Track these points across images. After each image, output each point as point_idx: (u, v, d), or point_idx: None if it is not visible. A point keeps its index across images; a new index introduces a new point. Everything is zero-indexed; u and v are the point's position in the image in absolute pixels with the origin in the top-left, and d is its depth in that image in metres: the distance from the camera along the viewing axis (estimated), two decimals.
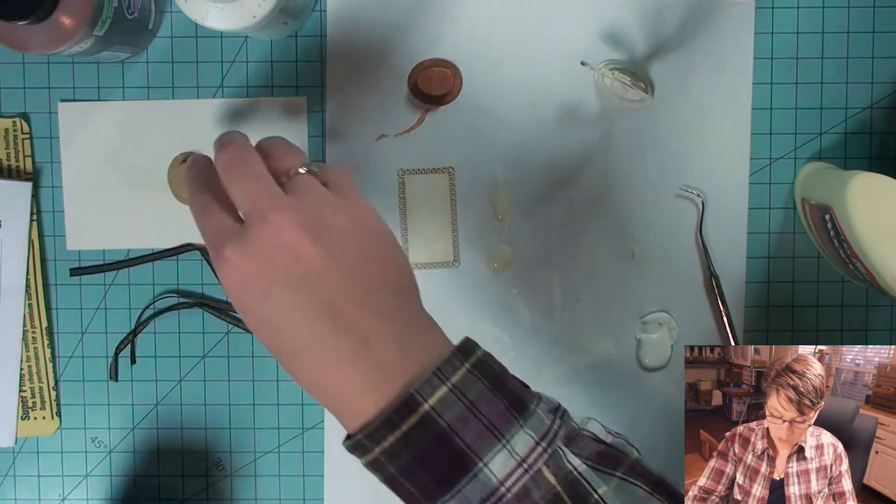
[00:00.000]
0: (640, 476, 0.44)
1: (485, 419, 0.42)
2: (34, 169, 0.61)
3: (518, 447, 0.42)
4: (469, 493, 0.42)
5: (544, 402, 0.45)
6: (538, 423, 0.43)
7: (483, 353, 0.44)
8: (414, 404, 0.42)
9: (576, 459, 0.43)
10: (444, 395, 0.42)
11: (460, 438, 0.42)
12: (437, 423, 0.41)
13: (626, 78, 0.59)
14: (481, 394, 0.42)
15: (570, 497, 0.42)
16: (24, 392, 0.62)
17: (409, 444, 0.42)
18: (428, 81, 0.60)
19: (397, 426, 0.41)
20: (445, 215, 0.62)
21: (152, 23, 0.59)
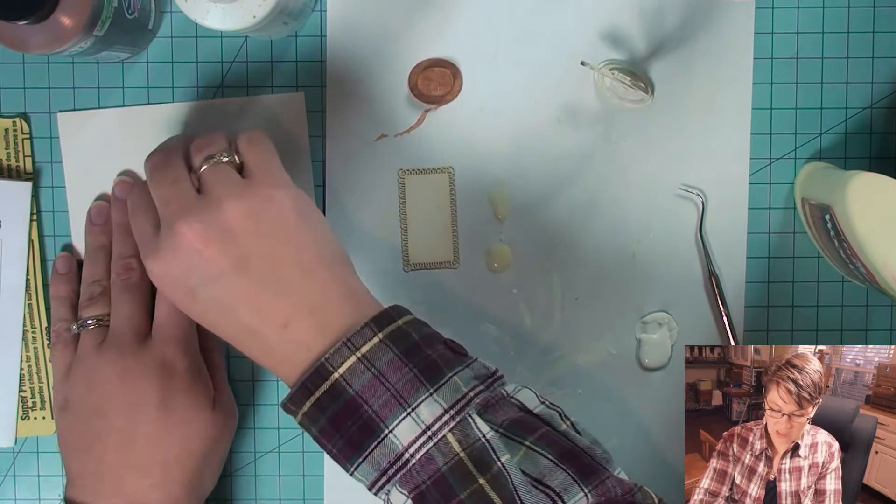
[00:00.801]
0: (549, 445, 0.45)
1: (392, 387, 0.44)
2: (34, 169, 0.61)
3: (423, 414, 0.44)
4: (378, 457, 0.44)
5: (471, 370, 0.46)
6: (451, 391, 0.44)
7: (406, 322, 0.47)
8: (325, 372, 0.45)
9: (485, 427, 0.44)
10: (353, 365, 0.45)
11: (368, 406, 0.44)
12: (346, 390, 0.44)
13: (626, 78, 0.59)
14: (390, 363, 0.45)
15: (473, 464, 0.44)
16: (24, 392, 0.62)
17: (323, 409, 0.45)
18: (428, 81, 0.60)
19: (312, 392, 0.45)
20: (445, 215, 0.62)
21: (152, 23, 0.59)
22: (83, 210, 0.60)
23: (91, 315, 0.56)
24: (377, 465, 0.44)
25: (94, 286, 0.57)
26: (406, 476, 0.44)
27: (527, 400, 0.47)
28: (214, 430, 0.56)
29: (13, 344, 0.61)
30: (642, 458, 0.62)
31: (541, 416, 0.47)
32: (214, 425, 0.56)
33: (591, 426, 0.62)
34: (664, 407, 0.62)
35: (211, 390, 0.56)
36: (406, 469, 0.44)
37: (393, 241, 0.61)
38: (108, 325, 0.56)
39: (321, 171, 0.61)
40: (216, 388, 0.57)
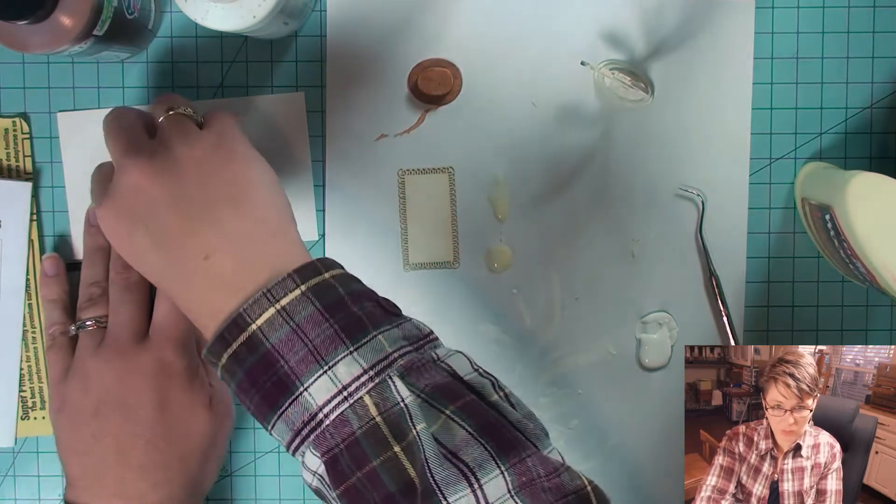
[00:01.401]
0: (471, 416, 0.42)
1: (310, 343, 0.42)
2: (34, 169, 0.61)
3: (341, 373, 0.42)
4: (292, 415, 0.42)
5: (400, 329, 0.44)
6: (373, 351, 0.42)
7: (333, 276, 0.45)
8: (243, 323, 0.43)
9: (405, 391, 0.42)
10: (272, 317, 0.43)
11: (284, 361, 0.42)
12: (263, 343, 0.42)
13: (626, 78, 0.59)
14: (310, 317, 0.43)
15: (389, 429, 0.41)
16: (24, 392, 0.62)
17: (240, 362, 0.43)
18: (428, 81, 0.60)
19: (229, 344, 0.43)
20: (445, 215, 0.62)
21: (152, 23, 0.59)
22: (83, 210, 0.60)
23: (90, 316, 0.56)
24: (291, 425, 0.42)
25: (93, 287, 0.57)
26: (319, 437, 0.42)
27: (458, 366, 0.45)
28: (213, 429, 0.56)
29: (13, 344, 0.61)
30: (642, 458, 0.62)
31: (471, 384, 0.44)
32: (212, 424, 0.56)
33: (591, 426, 0.62)
34: (664, 407, 0.62)
35: (208, 389, 0.56)
36: (319, 430, 0.42)
37: (393, 241, 0.61)
38: (106, 326, 0.56)
39: (321, 171, 0.61)
40: (213, 387, 0.57)
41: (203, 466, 0.56)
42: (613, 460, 0.62)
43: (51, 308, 0.59)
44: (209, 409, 0.56)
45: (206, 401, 0.56)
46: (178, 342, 0.55)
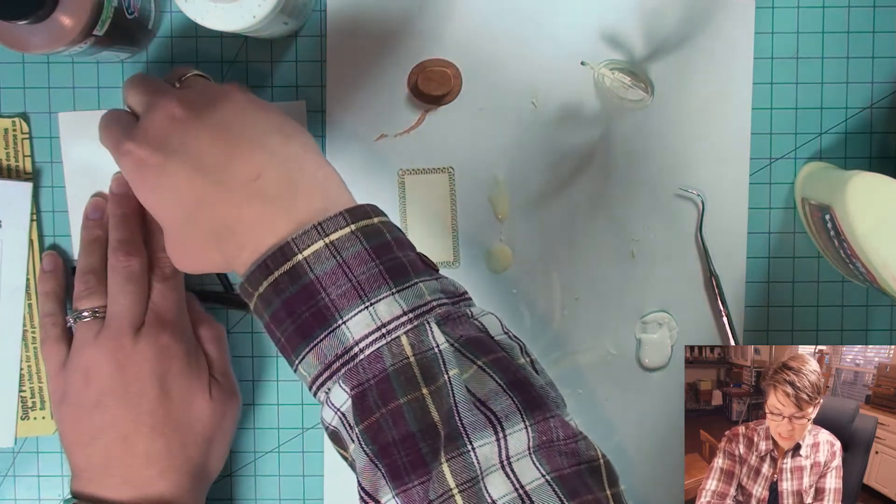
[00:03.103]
0: (501, 370, 0.43)
1: (355, 279, 0.42)
2: (34, 169, 0.61)
3: (381, 311, 0.42)
4: (326, 347, 0.42)
5: (440, 283, 0.45)
6: (414, 296, 0.43)
7: (381, 222, 0.45)
8: (289, 252, 0.43)
9: (441, 337, 0.43)
10: (319, 250, 0.43)
11: (326, 293, 0.42)
12: (307, 273, 0.42)
13: (626, 78, 0.59)
14: (357, 254, 0.43)
15: (420, 371, 0.42)
16: (24, 392, 0.62)
17: (279, 291, 0.43)
18: (428, 81, 0.60)
19: (271, 272, 0.43)
20: (445, 215, 0.62)
21: (152, 23, 0.59)
22: (82, 210, 0.60)
23: (87, 307, 0.56)
24: (323, 358, 0.42)
25: (89, 277, 0.57)
26: (351, 371, 0.42)
27: (490, 325, 0.45)
28: (214, 418, 0.56)
29: (13, 344, 0.61)
30: (642, 458, 0.62)
31: (500, 343, 0.45)
32: (214, 411, 0.56)
33: (591, 426, 0.62)
34: (664, 407, 0.62)
35: (206, 375, 0.57)
36: (353, 364, 0.42)
37: None
38: (103, 316, 0.55)
39: None
40: (213, 375, 0.57)
41: (207, 452, 0.56)
42: (613, 460, 0.62)
43: (44, 300, 0.59)
44: (209, 395, 0.56)
45: (206, 386, 0.56)
46: (175, 326, 0.55)
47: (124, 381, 0.54)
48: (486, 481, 0.40)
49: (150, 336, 0.54)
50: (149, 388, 0.54)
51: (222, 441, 0.57)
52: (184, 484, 0.54)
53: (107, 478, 0.54)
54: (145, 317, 0.55)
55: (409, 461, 0.41)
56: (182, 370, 0.55)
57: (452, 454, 0.40)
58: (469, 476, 0.40)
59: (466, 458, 0.40)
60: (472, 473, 0.40)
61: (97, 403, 0.54)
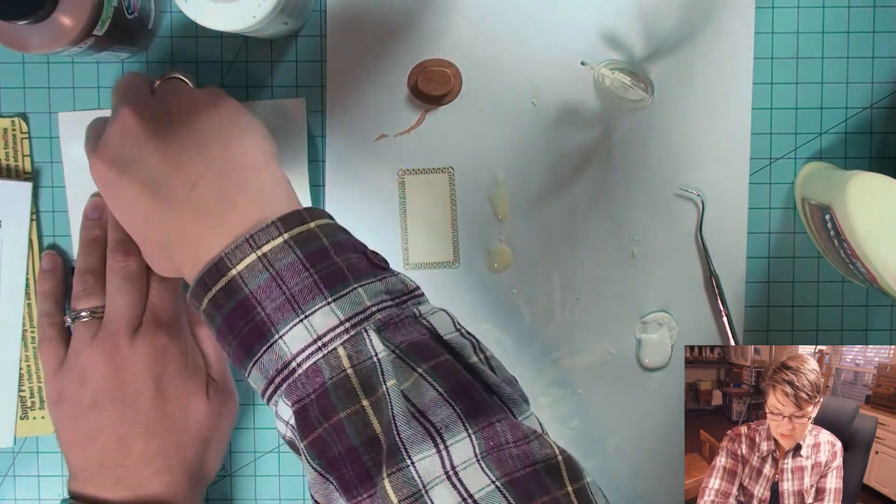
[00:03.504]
0: (442, 376, 0.42)
1: (288, 291, 0.42)
2: (33, 169, 0.61)
3: (317, 323, 0.42)
4: (266, 363, 0.42)
5: (385, 284, 0.44)
6: (351, 304, 0.42)
7: (319, 226, 0.44)
8: (224, 268, 0.43)
9: (380, 345, 0.42)
10: (252, 263, 0.43)
11: (262, 307, 0.42)
12: (242, 289, 0.42)
13: (626, 78, 0.59)
14: (290, 265, 0.42)
15: (359, 383, 0.41)
16: (24, 392, 0.62)
17: (219, 307, 0.43)
18: (428, 81, 0.60)
19: (209, 289, 0.43)
20: (445, 215, 0.62)
21: (152, 23, 0.59)
22: (82, 210, 0.60)
23: (85, 307, 0.56)
24: (265, 372, 0.42)
25: (87, 277, 0.57)
26: (291, 386, 0.42)
27: (440, 324, 0.44)
28: (211, 415, 0.56)
29: (13, 344, 0.61)
30: (642, 458, 0.62)
31: (450, 344, 0.44)
32: (209, 413, 0.56)
33: (591, 426, 0.62)
34: (664, 407, 0.62)
35: (204, 377, 0.56)
36: (292, 379, 0.42)
37: (393, 241, 0.61)
38: (101, 316, 0.55)
39: (321, 171, 0.61)
40: (209, 374, 0.57)
41: (204, 453, 0.56)
42: (613, 460, 0.62)
43: (42, 300, 0.59)
44: (206, 395, 0.56)
45: (203, 387, 0.56)
46: (173, 327, 0.55)
47: (120, 381, 0.53)
48: (430, 494, 0.39)
49: (146, 336, 0.54)
50: (144, 388, 0.54)
51: (219, 441, 0.57)
52: (180, 484, 0.54)
53: (103, 478, 0.54)
54: (143, 317, 0.55)
55: (355, 475, 0.40)
56: (178, 370, 0.55)
57: (392, 469, 0.39)
58: (410, 491, 0.39)
59: (406, 473, 0.39)
60: (413, 488, 0.39)
61: (93, 404, 0.54)
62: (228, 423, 0.58)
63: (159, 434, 0.54)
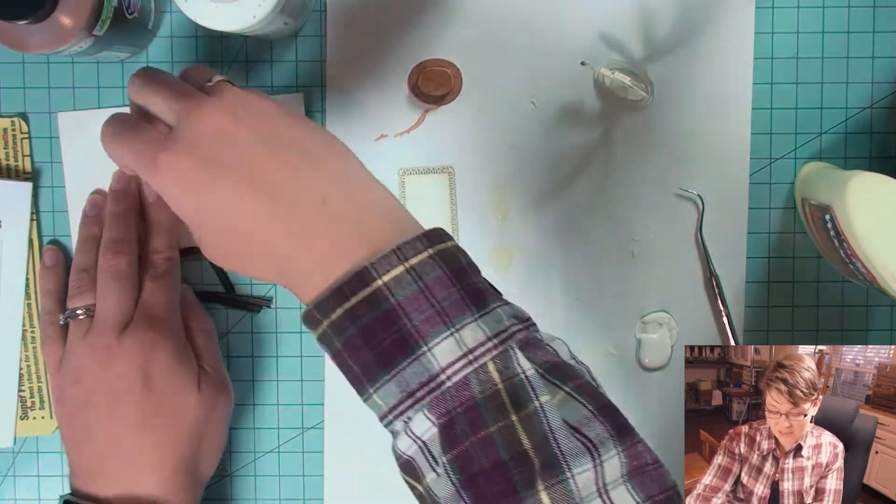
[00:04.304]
0: (589, 396, 0.42)
1: (437, 304, 0.41)
2: (33, 169, 0.61)
3: (467, 337, 0.41)
4: (409, 375, 0.41)
5: (511, 308, 0.44)
6: (494, 321, 0.42)
7: (454, 246, 0.44)
8: (368, 278, 0.41)
9: (526, 363, 0.42)
10: (400, 275, 0.41)
11: (409, 319, 0.41)
12: (388, 299, 0.41)
13: (626, 78, 0.59)
14: (439, 279, 0.41)
15: (509, 398, 0.41)
16: (23, 392, 0.62)
17: (356, 318, 0.41)
18: (428, 81, 0.60)
19: (347, 298, 0.41)
20: (445, 215, 0.62)
21: (152, 23, 0.59)
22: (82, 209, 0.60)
23: (79, 305, 0.56)
24: (405, 386, 0.41)
25: (83, 275, 0.57)
26: (437, 399, 0.41)
27: (560, 351, 0.44)
28: (203, 412, 0.55)
29: (13, 344, 0.61)
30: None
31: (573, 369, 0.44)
32: (202, 406, 0.55)
33: None
34: (664, 407, 0.62)
35: (195, 370, 0.56)
36: (439, 392, 0.41)
37: None
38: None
39: None
40: (203, 368, 0.57)
41: (197, 449, 0.56)
42: None
43: (44, 299, 0.59)
44: (198, 390, 0.55)
45: (194, 383, 0.56)
46: (164, 323, 0.55)
47: (110, 378, 0.54)
48: None
49: (136, 333, 0.54)
50: (133, 384, 0.53)
51: (214, 436, 0.57)
52: (173, 482, 0.54)
53: (99, 476, 0.54)
54: (135, 312, 0.55)
55: (499, 490, 0.40)
56: (168, 365, 0.54)
57: (551, 482, 0.39)
58: None
59: (566, 486, 0.39)
60: (572, 501, 0.39)
61: (86, 402, 0.54)
62: (222, 416, 0.58)
63: (151, 430, 0.54)
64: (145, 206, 0.59)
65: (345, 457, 0.62)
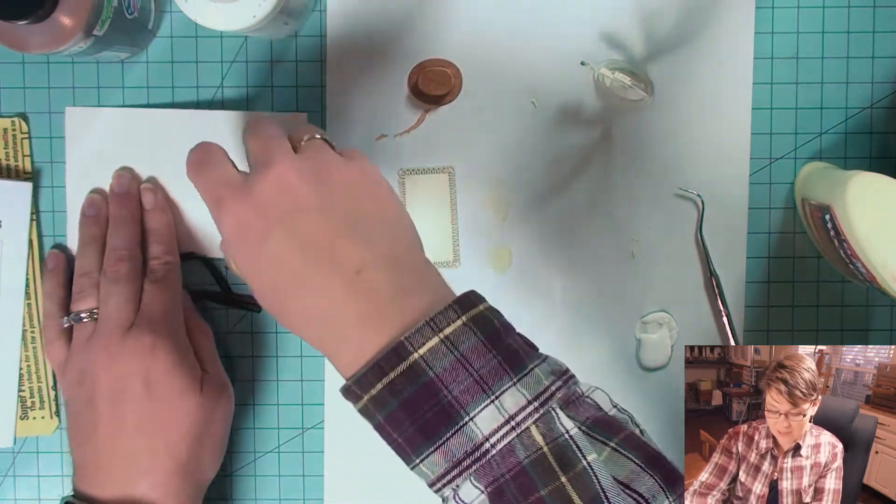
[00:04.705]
0: (635, 449, 0.43)
1: (475, 373, 0.41)
2: (33, 169, 0.61)
3: (507, 404, 0.41)
4: (453, 446, 0.41)
5: (548, 364, 0.44)
6: (534, 383, 0.42)
7: (486, 308, 0.44)
8: (404, 352, 0.41)
9: (569, 423, 0.42)
10: (435, 346, 0.41)
11: (448, 390, 0.41)
12: (426, 372, 0.41)
13: (626, 78, 0.59)
14: (474, 347, 0.42)
15: (556, 460, 0.41)
16: (23, 392, 0.62)
17: (396, 393, 0.41)
18: (428, 81, 0.60)
19: (385, 373, 0.41)
20: (445, 215, 0.62)
21: (152, 23, 0.59)
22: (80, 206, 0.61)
23: (83, 309, 0.57)
24: (450, 456, 0.41)
25: (84, 279, 0.58)
26: (484, 468, 0.41)
27: (601, 401, 0.45)
28: (204, 414, 0.55)
29: (13, 344, 0.61)
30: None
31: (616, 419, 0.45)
32: (202, 408, 0.55)
33: None
34: (664, 407, 0.62)
35: (198, 372, 0.56)
36: (485, 460, 0.41)
37: None
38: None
39: None
40: (204, 370, 0.57)
41: (196, 452, 0.55)
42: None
43: (46, 301, 0.60)
44: (199, 393, 0.55)
45: (196, 385, 0.56)
46: (165, 325, 0.55)
47: (110, 381, 0.54)
48: None
49: (136, 336, 0.54)
50: (133, 386, 0.54)
51: (215, 438, 0.57)
52: (169, 485, 0.54)
53: (97, 477, 0.54)
54: (137, 315, 0.56)
55: None
56: (169, 369, 0.54)
57: None
58: None
59: None
60: None
61: (88, 403, 0.54)
62: (222, 418, 0.58)
63: (147, 433, 0.54)
64: (144, 213, 0.60)
65: (345, 457, 0.62)
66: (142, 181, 0.61)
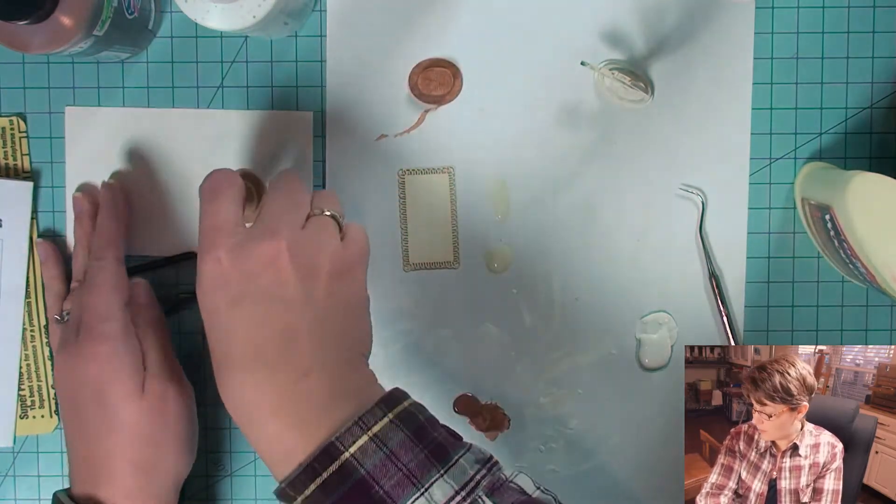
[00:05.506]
0: None
1: (404, 467, 0.43)
2: (32, 169, 0.61)
3: (436, 495, 0.43)
4: None
5: (472, 453, 0.46)
6: (460, 473, 0.44)
7: (410, 404, 0.46)
8: (335, 452, 0.43)
9: None
10: (365, 444, 0.43)
11: (379, 486, 0.43)
12: (357, 470, 0.43)
13: (626, 78, 0.59)
14: (402, 443, 0.44)
15: None
16: (23, 391, 0.62)
17: (329, 492, 0.43)
18: (428, 81, 0.60)
19: (318, 474, 0.43)
20: (445, 215, 0.62)
21: (152, 23, 0.59)
22: None
23: (66, 309, 0.59)
24: None
25: (74, 281, 0.59)
26: None
27: (524, 485, 0.47)
28: (150, 415, 0.54)
29: (13, 343, 0.61)
30: (642, 458, 0.62)
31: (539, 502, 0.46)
32: (147, 410, 0.54)
33: (591, 426, 0.62)
34: (664, 407, 0.62)
35: (139, 374, 0.54)
36: None
37: (393, 241, 0.61)
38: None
39: (321, 171, 0.61)
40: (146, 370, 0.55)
41: (152, 453, 0.54)
42: (614, 460, 0.62)
43: (46, 294, 0.61)
44: (140, 397, 0.54)
45: (136, 387, 0.54)
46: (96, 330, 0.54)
47: (71, 383, 0.54)
48: None
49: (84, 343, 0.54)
50: (84, 393, 0.54)
51: (173, 435, 0.55)
52: (127, 486, 0.53)
53: (73, 474, 0.55)
54: None
55: None
56: (109, 373, 0.53)
57: None
58: None
59: None
60: None
61: (61, 405, 0.56)
62: (179, 415, 0.56)
63: (85, 441, 0.54)
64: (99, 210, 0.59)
65: None
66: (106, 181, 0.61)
